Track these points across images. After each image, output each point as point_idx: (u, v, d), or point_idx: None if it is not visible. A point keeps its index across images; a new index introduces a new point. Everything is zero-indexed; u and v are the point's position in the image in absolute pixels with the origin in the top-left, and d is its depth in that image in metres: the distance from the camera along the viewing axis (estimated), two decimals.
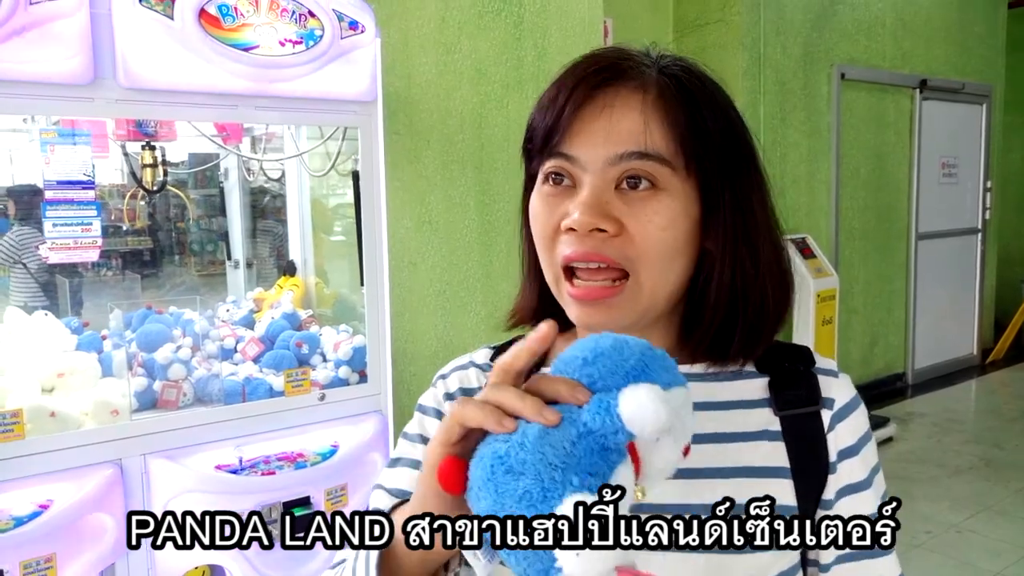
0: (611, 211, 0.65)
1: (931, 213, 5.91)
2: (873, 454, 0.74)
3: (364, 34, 2.13)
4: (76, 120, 2.04)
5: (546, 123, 0.67)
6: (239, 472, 2.01)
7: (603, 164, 0.66)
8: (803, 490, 0.69)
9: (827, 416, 0.71)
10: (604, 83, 0.67)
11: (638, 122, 0.66)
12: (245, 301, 2.73)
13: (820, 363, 0.75)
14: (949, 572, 3.06)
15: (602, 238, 0.65)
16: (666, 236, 0.66)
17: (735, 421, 0.71)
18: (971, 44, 6.11)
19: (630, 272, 0.66)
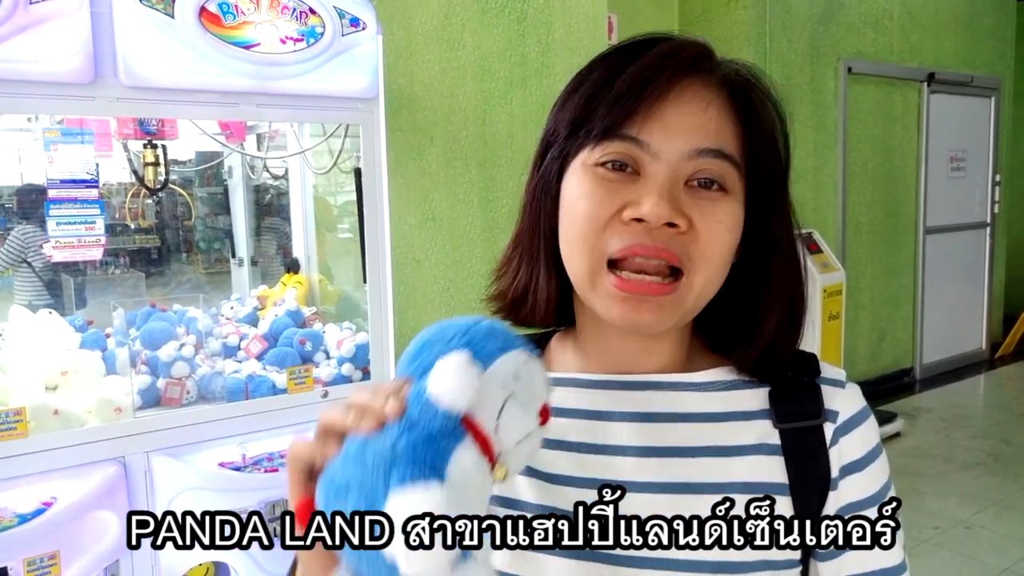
0: (682, 206, 0.62)
1: (939, 207, 5.87)
2: (883, 470, 0.69)
3: (365, 31, 2.13)
4: (79, 119, 2.04)
5: (624, 105, 0.62)
6: (242, 469, 2.01)
7: (679, 156, 0.62)
8: (801, 507, 0.66)
9: (829, 430, 0.68)
10: (691, 74, 0.64)
11: (720, 120, 0.63)
12: (249, 299, 2.73)
13: (826, 372, 0.71)
14: (957, 568, 3.05)
15: (671, 233, 0.61)
16: (729, 240, 0.64)
17: (731, 434, 0.68)
18: (980, 37, 6.06)
19: (685, 272, 0.63)
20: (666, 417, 0.68)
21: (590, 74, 0.66)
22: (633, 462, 0.67)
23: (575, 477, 0.68)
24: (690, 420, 0.68)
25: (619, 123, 0.62)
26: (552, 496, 0.69)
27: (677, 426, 0.68)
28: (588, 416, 0.70)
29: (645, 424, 0.68)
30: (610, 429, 0.69)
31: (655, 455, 0.67)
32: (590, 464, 0.68)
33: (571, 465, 0.69)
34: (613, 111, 0.62)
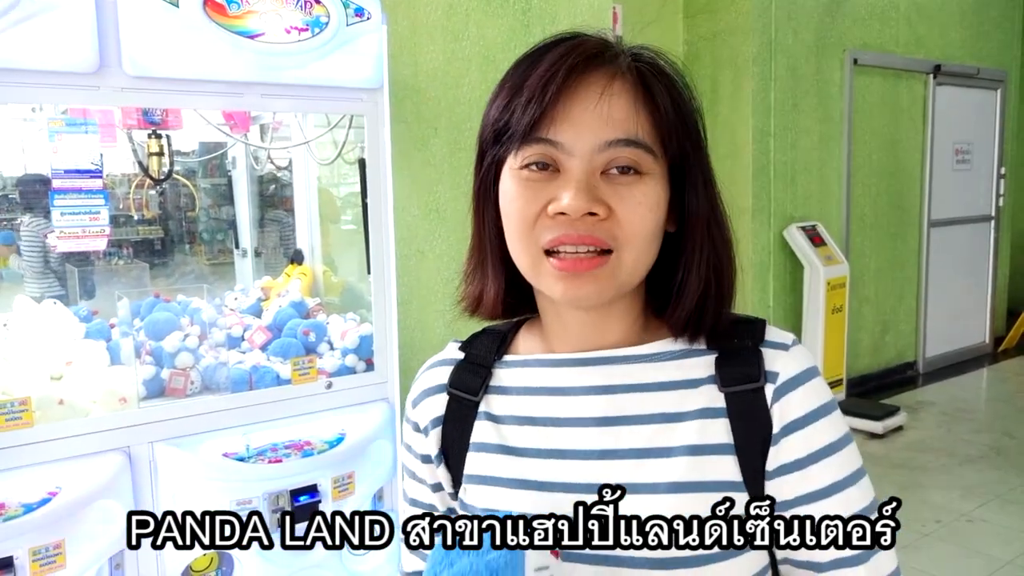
0: (599, 195, 0.67)
1: (944, 200, 5.85)
2: (827, 431, 0.70)
3: (370, 21, 2.12)
4: (83, 109, 2.04)
5: (531, 110, 0.67)
6: (246, 460, 2.02)
7: (591, 150, 0.67)
8: (746, 464, 0.70)
9: (770, 390, 0.70)
10: (592, 69, 0.68)
11: (626, 109, 0.68)
12: (253, 289, 2.73)
13: (771, 336, 0.74)
14: (959, 561, 3.05)
15: (593, 221, 0.67)
16: (650, 218, 0.69)
17: (681, 400, 0.72)
18: (986, 29, 6.03)
19: (614, 250, 0.68)
20: (622, 388, 0.73)
21: (505, 83, 0.71)
22: (593, 432, 0.73)
23: (541, 449, 0.75)
24: (644, 390, 0.73)
25: (532, 128, 0.68)
26: (520, 468, 0.75)
27: (632, 396, 0.73)
28: (553, 392, 0.76)
29: (602, 396, 0.74)
30: (571, 403, 0.75)
31: (612, 424, 0.73)
32: (554, 437, 0.75)
33: (537, 439, 0.75)
34: (524, 117, 0.68)
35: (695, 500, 0.68)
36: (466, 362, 0.83)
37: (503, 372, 0.80)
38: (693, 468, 0.69)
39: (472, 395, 0.80)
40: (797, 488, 0.69)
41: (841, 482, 0.70)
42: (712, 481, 0.69)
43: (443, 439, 0.81)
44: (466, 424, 0.79)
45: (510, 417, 0.77)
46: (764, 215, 4.69)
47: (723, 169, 3.92)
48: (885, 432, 4.39)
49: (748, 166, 4.57)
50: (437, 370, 0.84)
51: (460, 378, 0.82)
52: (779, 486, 0.70)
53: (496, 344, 0.82)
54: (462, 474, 0.79)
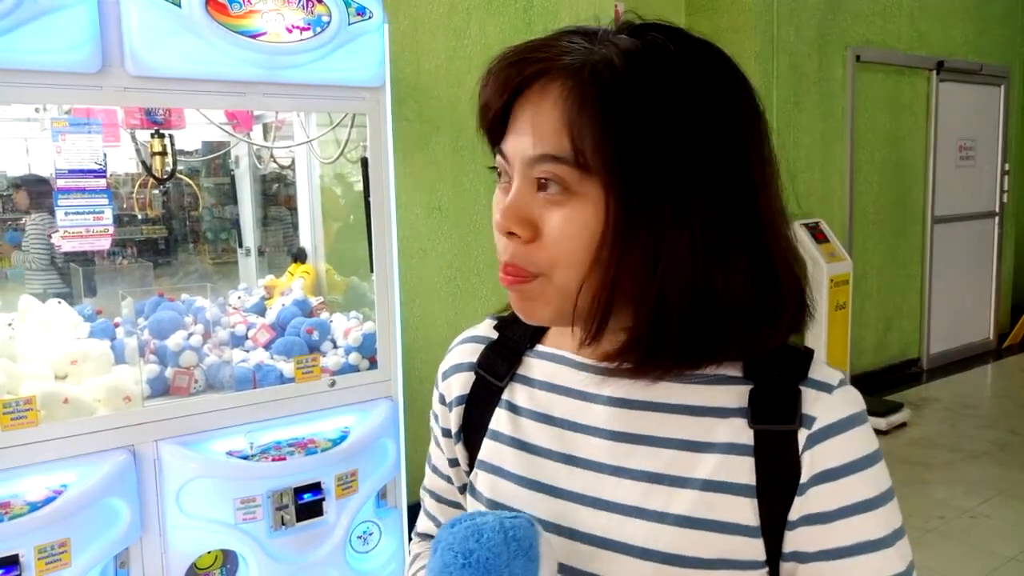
0: (529, 214, 0.63)
1: (947, 196, 5.84)
2: (863, 485, 0.63)
3: (372, 20, 2.13)
4: (87, 109, 2.05)
5: (484, 120, 0.66)
6: (250, 458, 2.03)
7: (523, 164, 0.63)
8: (767, 511, 0.64)
9: (803, 436, 0.63)
10: (537, 74, 0.62)
11: (557, 120, 0.60)
12: (256, 288, 2.74)
13: (815, 374, 0.66)
14: (963, 557, 3.05)
15: (516, 243, 0.64)
16: (576, 244, 0.61)
17: (705, 428, 0.66)
18: (989, 25, 6.01)
19: (540, 275, 0.64)
20: (643, 405, 0.68)
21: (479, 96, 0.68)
22: (607, 444, 0.69)
23: (554, 451, 0.72)
24: (666, 411, 0.68)
25: (496, 137, 0.66)
26: (531, 466, 0.73)
27: (653, 415, 0.68)
28: (573, 395, 0.72)
29: (622, 409, 0.69)
30: (590, 410, 0.71)
31: (627, 441, 0.68)
32: (568, 440, 0.71)
33: (551, 439, 0.72)
34: (485, 128, 0.67)
35: (704, 538, 0.64)
36: (499, 344, 0.80)
37: (533, 361, 0.77)
38: (707, 504, 0.64)
39: (498, 380, 0.77)
40: (819, 542, 0.63)
41: (874, 542, 0.63)
42: (725, 522, 0.64)
43: (464, 418, 0.79)
44: (487, 409, 0.77)
45: (529, 411, 0.75)
46: None
47: None
48: (889, 428, 4.39)
49: None
50: (470, 347, 0.82)
51: (490, 360, 0.79)
52: (800, 536, 0.64)
53: (532, 329, 0.77)
54: (476, 457, 0.78)
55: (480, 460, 0.77)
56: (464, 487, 0.82)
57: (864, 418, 0.65)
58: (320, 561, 2.12)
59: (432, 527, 0.88)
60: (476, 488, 0.77)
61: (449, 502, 0.86)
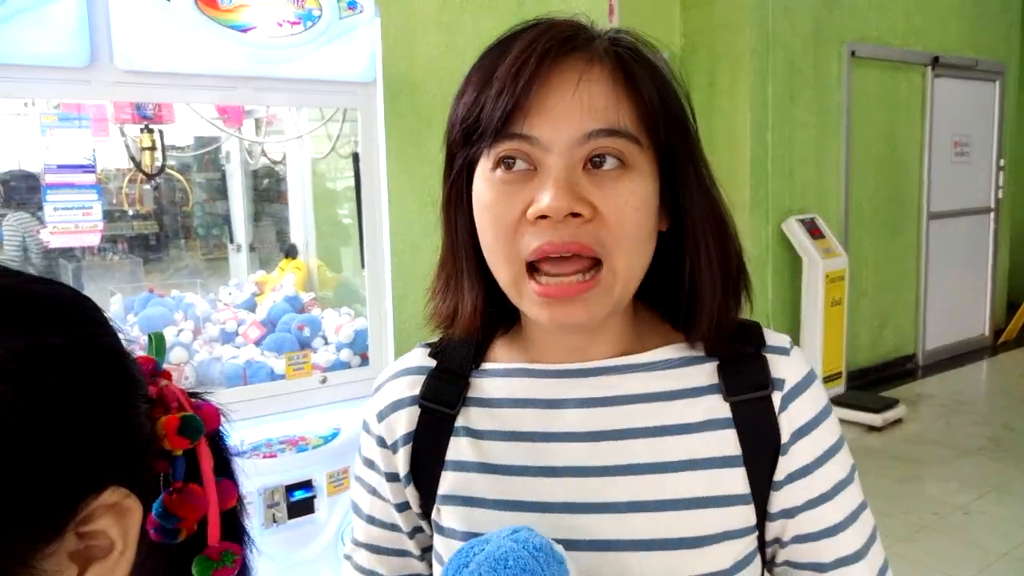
0: (583, 193, 0.61)
1: (943, 192, 5.84)
2: (831, 431, 0.69)
3: (363, 14, 2.11)
4: (76, 104, 2.03)
5: (503, 103, 0.61)
6: (241, 455, 2.01)
7: (570, 144, 0.61)
8: (755, 476, 0.67)
9: (777, 398, 0.67)
10: (566, 54, 0.62)
11: (607, 97, 0.61)
12: (247, 284, 2.73)
13: (770, 340, 0.70)
14: (957, 553, 3.05)
15: (577, 223, 0.60)
16: (640, 217, 0.62)
17: (682, 412, 0.67)
18: (985, 20, 6.01)
19: (603, 259, 0.62)
20: (617, 400, 0.68)
21: (472, 75, 0.65)
22: (587, 447, 0.68)
23: (529, 467, 0.69)
24: (640, 401, 0.68)
25: (505, 123, 0.61)
26: (507, 488, 0.69)
27: (628, 408, 0.68)
28: (540, 405, 0.70)
29: (596, 409, 0.68)
30: (562, 416, 0.69)
31: (608, 438, 0.68)
32: (544, 453, 0.69)
33: (525, 455, 0.69)
34: (495, 112, 0.61)
35: (704, 516, 0.65)
36: (439, 371, 0.74)
37: (483, 382, 0.73)
38: (698, 482, 0.66)
39: (449, 408, 0.72)
40: (804, 494, 0.67)
41: (843, 481, 0.69)
42: (722, 496, 0.66)
43: (413, 457, 0.73)
44: (440, 441, 0.72)
45: (492, 432, 0.70)
46: (762, 208, 4.68)
47: (721, 162, 3.90)
48: (884, 425, 4.39)
49: (746, 159, 4.56)
50: (406, 379, 0.76)
51: (434, 389, 0.73)
52: (787, 494, 0.67)
53: (472, 351, 0.74)
54: (435, 494, 0.72)
55: (443, 495, 0.71)
56: (414, 531, 0.77)
57: (816, 373, 0.71)
58: (312, 559, 2.11)
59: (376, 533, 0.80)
60: (444, 525, 0.71)
61: (393, 551, 0.78)
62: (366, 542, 0.79)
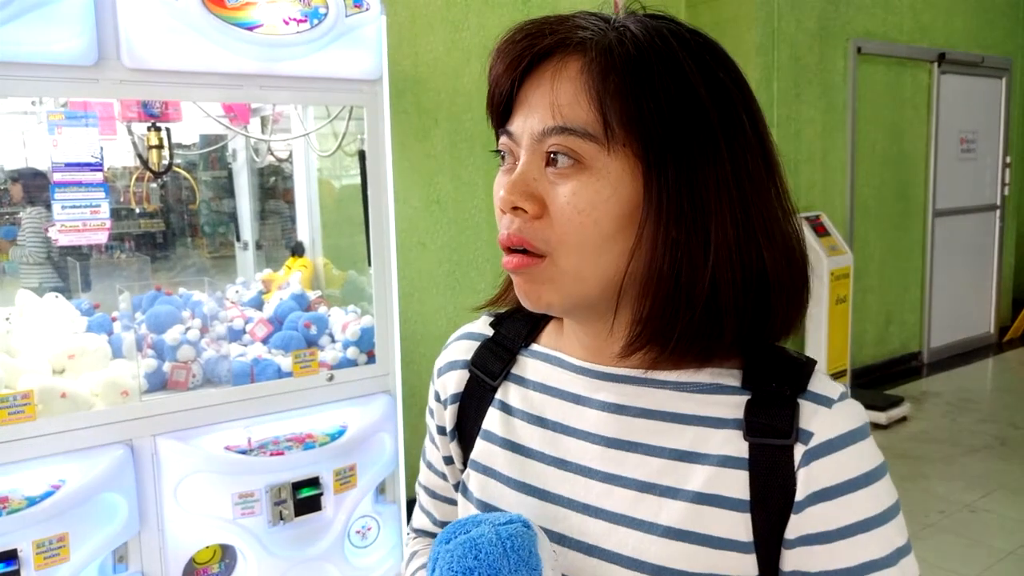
0: (536, 190, 0.61)
1: (949, 189, 5.82)
2: (870, 502, 0.60)
3: (369, 11, 2.11)
4: (83, 102, 2.04)
5: (493, 102, 0.65)
6: (248, 453, 2.02)
7: (531, 139, 0.62)
8: (761, 526, 0.61)
9: (799, 451, 0.61)
10: (546, 51, 0.62)
11: (574, 93, 0.60)
12: (254, 282, 2.73)
13: (815, 387, 0.63)
14: (962, 551, 3.05)
15: (524, 219, 0.62)
16: (585, 220, 0.60)
17: (698, 440, 0.64)
18: (991, 16, 5.98)
19: (546, 255, 0.62)
20: (636, 412, 0.66)
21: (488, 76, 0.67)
22: (600, 451, 0.67)
23: (545, 454, 0.71)
24: (660, 418, 0.66)
25: (503, 119, 0.65)
26: (522, 468, 0.71)
27: (646, 422, 0.66)
28: (567, 398, 0.71)
29: (615, 415, 0.67)
30: (584, 414, 0.69)
31: (619, 447, 0.66)
32: (561, 444, 0.70)
33: (544, 442, 0.71)
34: (493, 110, 0.65)
35: (693, 552, 0.62)
36: (493, 342, 0.78)
37: (528, 361, 0.75)
38: (698, 517, 0.62)
39: (492, 379, 0.75)
40: (822, 563, 0.61)
41: (878, 562, 0.60)
42: (716, 537, 0.62)
43: (459, 417, 0.78)
44: (481, 408, 0.76)
45: (522, 412, 0.73)
46: None
47: None
48: (889, 423, 4.38)
49: None
50: (465, 344, 0.80)
51: (483, 359, 0.77)
52: (800, 556, 0.61)
53: (527, 328, 0.77)
54: (469, 456, 0.76)
55: (472, 460, 0.75)
56: (457, 484, 0.80)
57: (865, 433, 0.62)
58: (319, 556, 2.12)
59: (428, 523, 0.87)
60: (468, 488, 0.75)
61: (444, 498, 0.85)
62: (425, 484, 0.87)
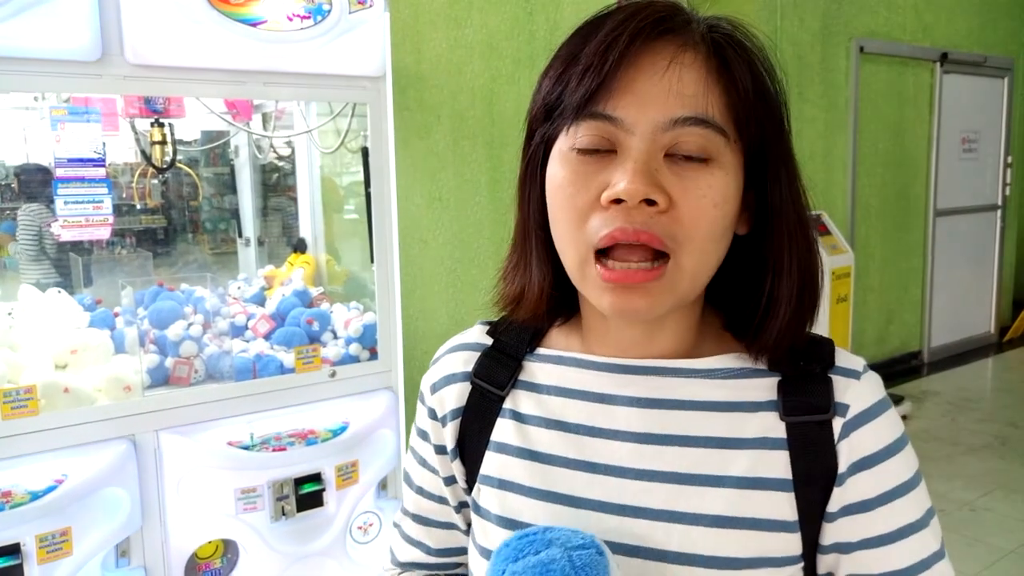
0: (661, 181, 0.58)
1: (950, 189, 5.82)
2: (902, 467, 0.64)
3: (372, 8, 2.11)
4: (86, 98, 2.04)
5: (588, 81, 0.58)
6: (250, 448, 2.02)
7: (654, 128, 0.58)
8: (804, 504, 0.62)
9: (838, 424, 0.63)
10: (659, 36, 0.59)
11: (698, 84, 0.58)
12: (256, 278, 2.73)
13: (841, 361, 0.66)
14: (962, 550, 3.05)
15: (651, 212, 0.58)
16: (717, 214, 0.59)
17: (735, 424, 0.64)
18: (994, 16, 5.98)
19: (671, 254, 0.59)
20: (669, 404, 0.66)
21: (560, 52, 0.63)
22: (631, 448, 0.66)
23: (570, 459, 0.67)
24: (693, 408, 0.65)
25: (588, 101, 0.59)
26: (544, 477, 0.68)
27: (679, 414, 0.65)
28: (590, 398, 0.68)
29: (647, 410, 0.66)
30: (611, 413, 0.67)
31: (654, 442, 0.65)
32: (587, 447, 0.67)
33: (568, 447, 0.68)
34: (580, 89, 0.59)
35: (742, 538, 0.62)
36: (495, 350, 0.74)
37: (535, 367, 0.72)
38: (743, 502, 0.62)
39: (498, 389, 0.72)
40: (862, 531, 0.63)
41: (913, 524, 0.63)
42: (763, 519, 0.62)
43: (461, 432, 0.73)
44: (487, 420, 0.72)
45: (538, 418, 0.70)
46: None
47: None
48: None
49: None
50: (462, 355, 0.76)
51: (487, 368, 0.73)
52: (841, 527, 0.63)
53: (529, 334, 0.74)
54: (477, 472, 0.72)
55: (484, 475, 0.71)
56: (460, 505, 0.77)
57: (890, 402, 0.66)
58: (320, 551, 2.12)
59: (420, 554, 0.82)
60: (481, 505, 0.72)
61: (440, 524, 0.80)
62: (415, 512, 0.81)
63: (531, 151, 0.67)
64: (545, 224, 0.66)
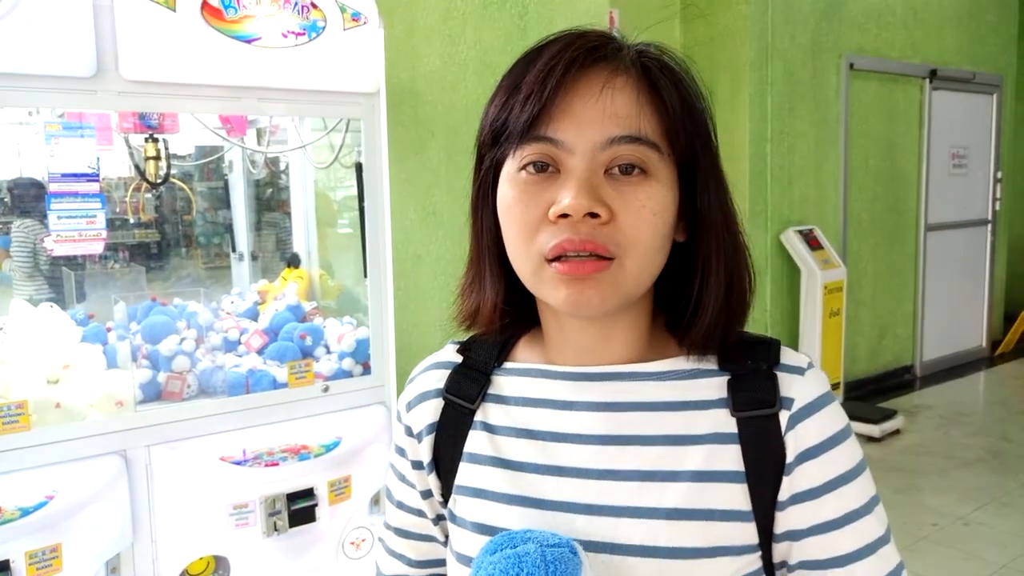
0: (603, 196, 0.63)
1: (941, 204, 5.87)
2: (846, 457, 0.67)
3: (367, 25, 2.13)
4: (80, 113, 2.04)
5: (529, 107, 0.64)
6: (243, 463, 2.02)
7: (593, 148, 0.64)
8: (757, 494, 0.66)
9: (784, 417, 0.67)
10: (593, 63, 0.65)
11: (630, 105, 0.64)
12: (249, 293, 2.73)
13: (786, 359, 0.70)
14: (955, 564, 3.05)
15: (595, 224, 0.63)
16: (657, 222, 0.65)
17: (689, 422, 0.68)
18: (983, 33, 6.05)
19: (616, 257, 0.64)
20: (626, 406, 0.70)
21: (503, 81, 0.68)
22: (594, 450, 0.70)
23: (539, 464, 0.71)
24: (649, 409, 0.70)
25: (531, 125, 0.64)
26: (515, 483, 0.72)
27: (636, 415, 0.70)
28: (553, 406, 0.73)
29: (606, 413, 0.70)
30: (573, 418, 0.71)
31: (615, 443, 0.69)
32: (554, 452, 0.71)
33: (536, 453, 0.72)
34: (523, 115, 0.64)
35: (700, 529, 0.66)
36: (464, 367, 0.79)
37: (502, 380, 0.77)
38: (698, 495, 0.66)
39: (469, 403, 0.76)
40: (811, 518, 0.67)
41: (858, 510, 0.67)
42: (719, 510, 0.66)
43: (435, 447, 0.78)
44: (460, 433, 0.76)
45: (507, 428, 0.74)
46: (761, 219, 4.70)
47: None
48: (882, 436, 4.40)
49: (745, 170, 4.58)
50: (434, 373, 0.81)
51: (457, 384, 0.78)
52: (791, 515, 0.67)
53: (496, 350, 0.79)
54: (452, 484, 0.76)
55: (459, 486, 0.75)
56: (438, 518, 0.81)
57: (833, 396, 0.70)
58: (313, 567, 2.11)
59: (402, 566, 0.85)
60: (457, 514, 0.75)
61: (420, 536, 0.84)
62: (396, 526, 0.85)
63: (482, 174, 0.72)
64: (498, 242, 0.71)
